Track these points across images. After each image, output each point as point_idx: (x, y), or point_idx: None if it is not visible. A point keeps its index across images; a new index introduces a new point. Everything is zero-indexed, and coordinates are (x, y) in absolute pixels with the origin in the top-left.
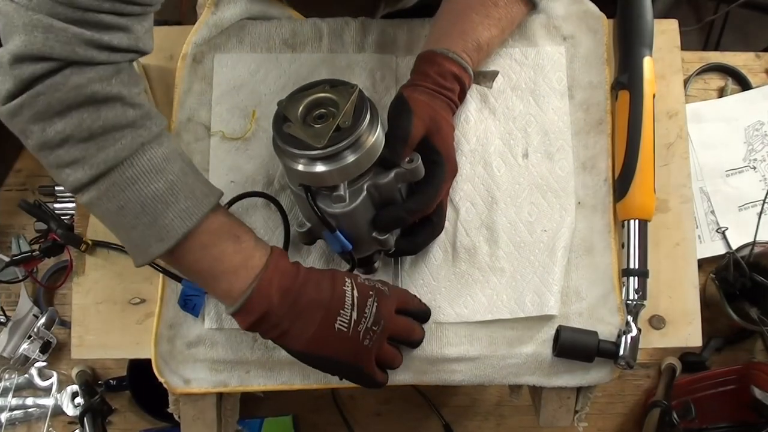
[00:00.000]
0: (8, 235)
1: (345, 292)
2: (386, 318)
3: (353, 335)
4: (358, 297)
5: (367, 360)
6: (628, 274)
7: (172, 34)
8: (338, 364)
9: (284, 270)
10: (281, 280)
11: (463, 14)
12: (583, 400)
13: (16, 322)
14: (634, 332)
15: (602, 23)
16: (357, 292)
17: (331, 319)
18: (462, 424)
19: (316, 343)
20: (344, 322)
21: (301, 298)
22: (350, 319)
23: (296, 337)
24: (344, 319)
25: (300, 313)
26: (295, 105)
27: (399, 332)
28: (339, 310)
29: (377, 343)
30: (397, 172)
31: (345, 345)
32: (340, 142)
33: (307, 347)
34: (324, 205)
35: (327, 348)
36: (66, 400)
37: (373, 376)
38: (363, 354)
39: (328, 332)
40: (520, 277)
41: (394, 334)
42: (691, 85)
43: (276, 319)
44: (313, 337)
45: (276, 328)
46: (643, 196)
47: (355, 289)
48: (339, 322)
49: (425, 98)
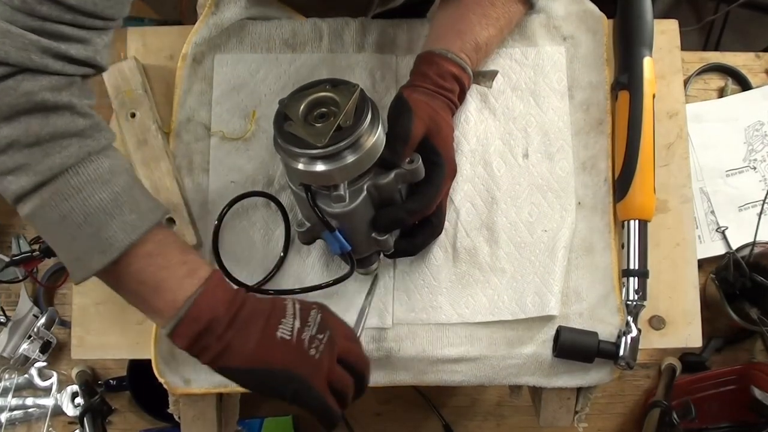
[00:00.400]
0: (8, 235)
1: (286, 304)
2: (333, 329)
3: (297, 343)
4: (300, 308)
5: (316, 376)
6: (628, 274)
7: (172, 34)
8: (285, 379)
9: (227, 286)
10: (225, 293)
11: (460, 15)
12: (583, 400)
13: (16, 322)
14: (634, 333)
15: (602, 23)
16: (299, 304)
17: (272, 327)
18: (462, 424)
19: (259, 353)
20: (287, 330)
21: (243, 308)
22: (293, 327)
23: (239, 349)
24: (286, 327)
25: (243, 323)
26: (297, 104)
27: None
28: (280, 318)
29: (326, 357)
30: (397, 172)
31: (290, 354)
32: (340, 142)
33: (251, 360)
34: (324, 204)
35: (271, 358)
36: (66, 400)
37: (324, 398)
38: (310, 366)
39: (270, 341)
40: (521, 278)
41: (344, 354)
42: (691, 85)
43: (220, 330)
44: (256, 347)
45: (220, 340)
46: (643, 196)
47: (297, 303)
48: (281, 330)
49: (425, 99)
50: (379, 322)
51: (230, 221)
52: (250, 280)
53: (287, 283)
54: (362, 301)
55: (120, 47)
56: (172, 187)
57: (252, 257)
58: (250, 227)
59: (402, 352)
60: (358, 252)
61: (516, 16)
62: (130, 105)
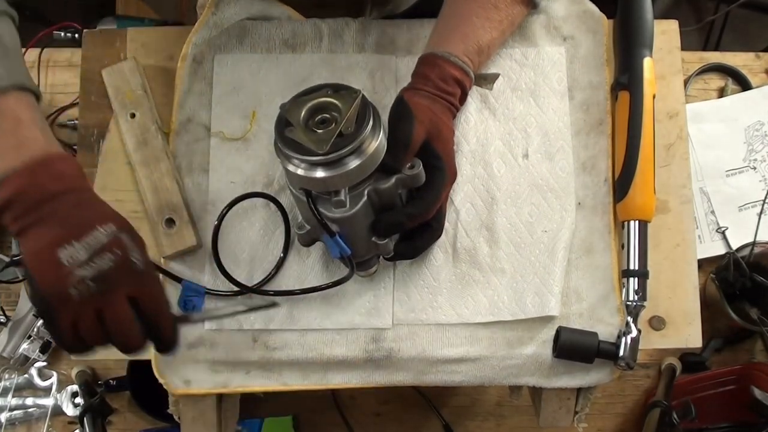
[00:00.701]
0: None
1: (96, 230)
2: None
3: (65, 274)
4: (104, 245)
5: (63, 311)
6: (628, 274)
7: (172, 34)
8: (38, 295)
9: (56, 173)
10: (45, 178)
11: (464, 17)
12: (583, 400)
13: (16, 322)
14: (634, 333)
15: (602, 24)
16: (107, 240)
17: (60, 241)
18: (462, 424)
19: (34, 258)
20: (66, 256)
21: (51, 203)
22: (74, 258)
23: (26, 244)
24: (69, 253)
25: (40, 220)
26: (298, 109)
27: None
28: (74, 239)
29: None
30: (398, 177)
31: (51, 277)
32: (342, 149)
33: (28, 258)
34: (324, 209)
35: (38, 269)
36: (66, 400)
37: (64, 335)
38: (60, 302)
39: (49, 254)
40: (521, 278)
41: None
42: (691, 86)
43: (19, 211)
44: (36, 252)
45: (16, 222)
46: (643, 196)
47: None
48: (63, 252)
49: (426, 102)
50: (379, 323)
51: (230, 221)
52: (250, 281)
53: (287, 284)
54: (362, 300)
55: (120, 47)
56: (172, 188)
57: (252, 257)
58: (249, 227)
59: (402, 353)
60: (358, 255)
61: (518, 18)
62: (130, 106)
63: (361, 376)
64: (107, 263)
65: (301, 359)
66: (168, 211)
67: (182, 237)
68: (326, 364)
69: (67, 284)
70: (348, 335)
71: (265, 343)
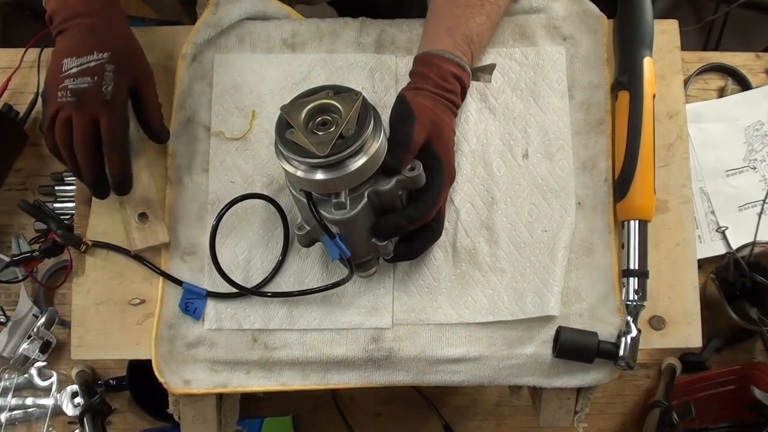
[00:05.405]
0: (8, 235)
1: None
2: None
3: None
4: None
5: (49, 104)
6: (628, 274)
7: (172, 34)
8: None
9: None
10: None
11: (445, 11)
12: (583, 400)
13: (16, 322)
14: (634, 333)
15: (602, 23)
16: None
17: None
18: (462, 424)
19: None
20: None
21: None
22: (68, 69)
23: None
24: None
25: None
26: (298, 111)
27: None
28: (74, 55)
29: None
30: (398, 179)
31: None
32: (343, 151)
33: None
34: (324, 211)
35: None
36: (66, 400)
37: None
38: (51, 96)
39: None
40: (521, 278)
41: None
42: (691, 85)
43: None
44: (55, 52)
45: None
46: (643, 196)
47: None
48: (66, 63)
49: (428, 102)
50: (379, 322)
51: (229, 221)
52: (249, 281)
53: (287, 283)
54: (362, 300)
55: None
56: (148, 183)
57: (251, 257)
58: (249, 227)
59: (402, 353)
60: (358, 256)
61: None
62: None
63: (361, 376)
64: (84, 84)
65: (301, 359)
66: (142, 205)
67: (155, 232)
68: (326, 364)
69: (58, 86)
70: (348, 335)
71: (264, 343)
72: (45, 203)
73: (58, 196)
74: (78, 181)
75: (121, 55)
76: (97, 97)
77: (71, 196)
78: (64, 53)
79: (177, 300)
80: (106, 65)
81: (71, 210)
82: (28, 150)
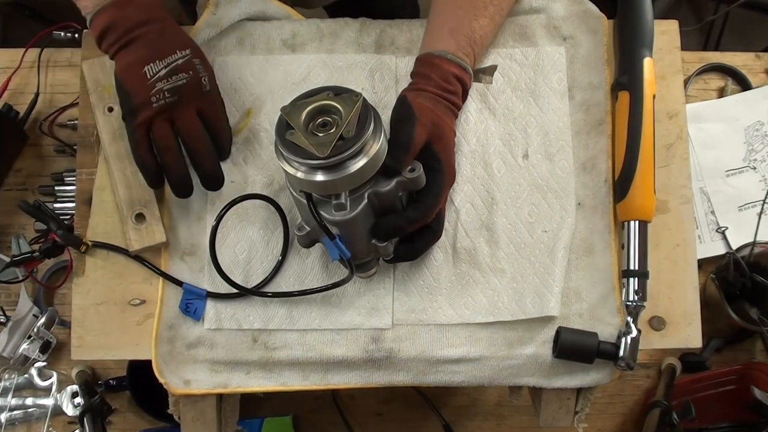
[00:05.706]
0: (8, 235)
1: (175, 53)
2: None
3: (149, 84)
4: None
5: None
6: (628, 275)
7: None
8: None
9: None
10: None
11: (448, 12)
12: (583, 401)
13: (16, 322)
14: (634, 333)
15: (602, 23)
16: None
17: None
18: (462, 424)
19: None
20: (152, 71)
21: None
22: (157, 73)
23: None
24: (154, 68)
25: (130, 42)
26: (299, 112)
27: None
28: (158, 59)
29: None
30: (398, 180)
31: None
32: (343, 152)
33: (120, 74)
34: (325, 212)
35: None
36: (66, 400)
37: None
38: (144, 104)
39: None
40: (521, 278)
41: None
42: (691, 86)
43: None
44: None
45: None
46: (644, 197)
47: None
48: (149, 67)
49: (429, 103)
50: (379, 323)
51: (229, 221)
52: (249, 281)
53: (287, 283)
54: (362, 300)
55: None
56: (144, 183)
57: (251, 258)
58: (249, 227)
59: (402, 353)
60: (358, 257)
61: (506, 1)
62: (108, 99)
63: (361, 376)
64: (182, 80)
65: (301, 359)
66: (139, 206)
67: (152, 233)
68: (326, 364)
69: (149, 92)
70: (348, 335)
71: (265, 343)
72: (45, 203)
73: (58, 196)
74: (78, 182)
75: (197, 49)
76: (199, 89)
77: (71, 196)
78: (142, 62)
79: (177, 300)
80: (193, 59)
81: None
82: (28, 150)
